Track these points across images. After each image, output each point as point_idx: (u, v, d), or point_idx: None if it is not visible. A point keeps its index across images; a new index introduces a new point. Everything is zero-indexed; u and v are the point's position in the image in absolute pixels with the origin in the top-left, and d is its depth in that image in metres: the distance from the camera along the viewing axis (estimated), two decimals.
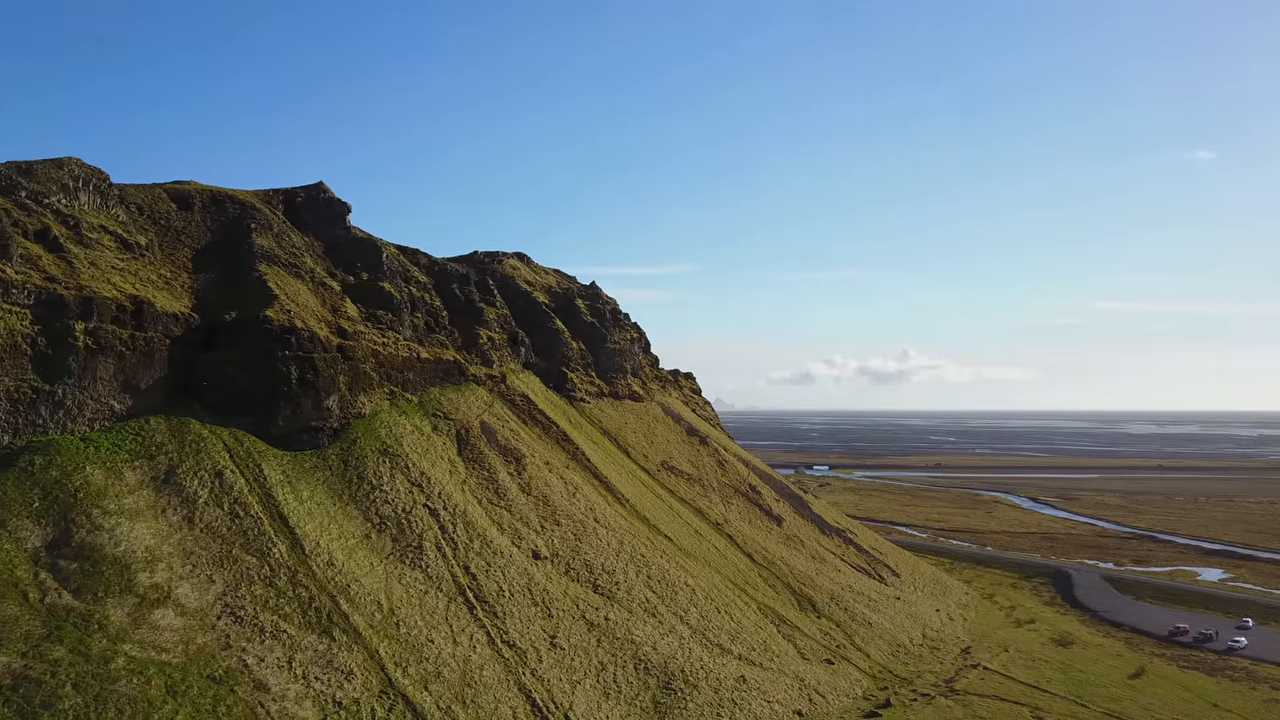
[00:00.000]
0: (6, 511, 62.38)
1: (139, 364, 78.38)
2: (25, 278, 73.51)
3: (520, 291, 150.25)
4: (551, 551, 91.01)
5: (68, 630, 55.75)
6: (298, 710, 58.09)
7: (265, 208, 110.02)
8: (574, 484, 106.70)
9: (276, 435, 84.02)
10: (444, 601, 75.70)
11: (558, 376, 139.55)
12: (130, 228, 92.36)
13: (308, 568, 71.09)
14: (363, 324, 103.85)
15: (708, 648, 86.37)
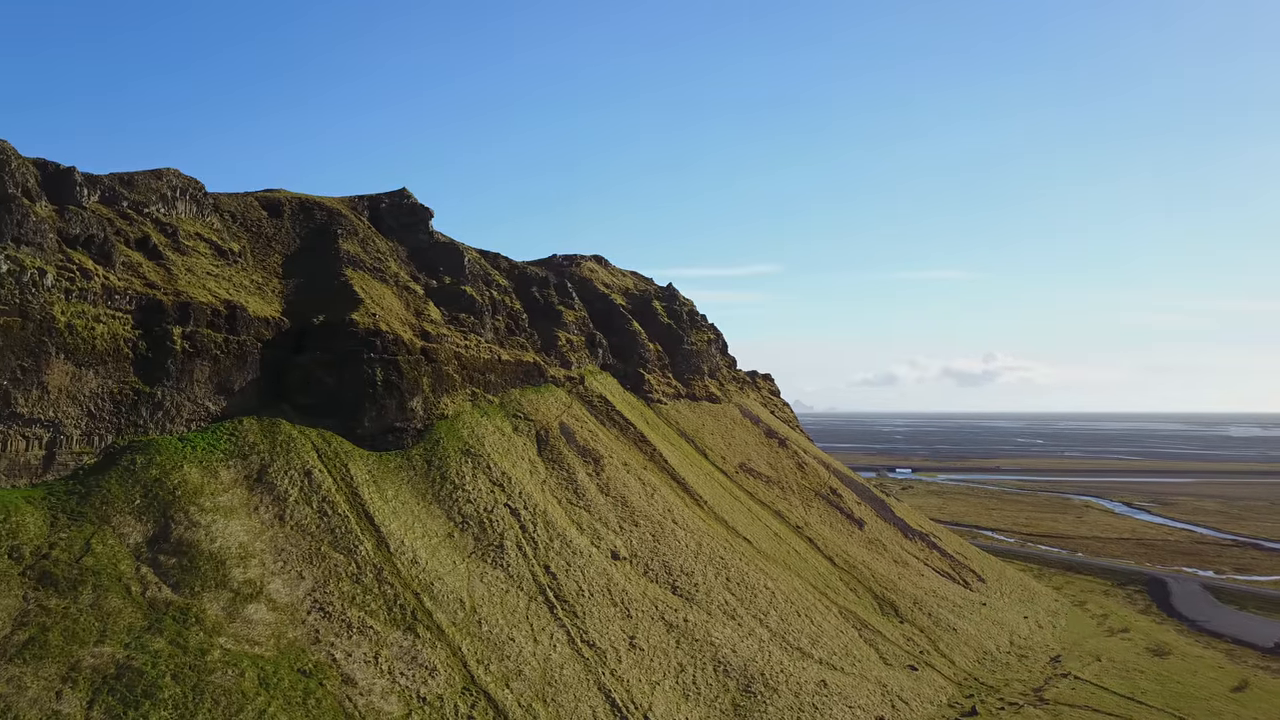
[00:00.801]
0: (110, 508, 65.27)
1: (232, 367, 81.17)
2: (127, 284, 76.79)
3: (598, 294, 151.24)
4: (630, 552, 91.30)
5: (167, 623, 58.02)
6: (383, 705, 59.39)
7: (351, 214, 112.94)
8: (652, 485, 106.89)
9: (362, 436, 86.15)
10: (524, 600, 76.56)
11: (635, 378, 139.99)
12: (224, 235, 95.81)
13: (393, 565, 72.65)
14: (445, 327, 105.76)
15: (788, 651, 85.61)
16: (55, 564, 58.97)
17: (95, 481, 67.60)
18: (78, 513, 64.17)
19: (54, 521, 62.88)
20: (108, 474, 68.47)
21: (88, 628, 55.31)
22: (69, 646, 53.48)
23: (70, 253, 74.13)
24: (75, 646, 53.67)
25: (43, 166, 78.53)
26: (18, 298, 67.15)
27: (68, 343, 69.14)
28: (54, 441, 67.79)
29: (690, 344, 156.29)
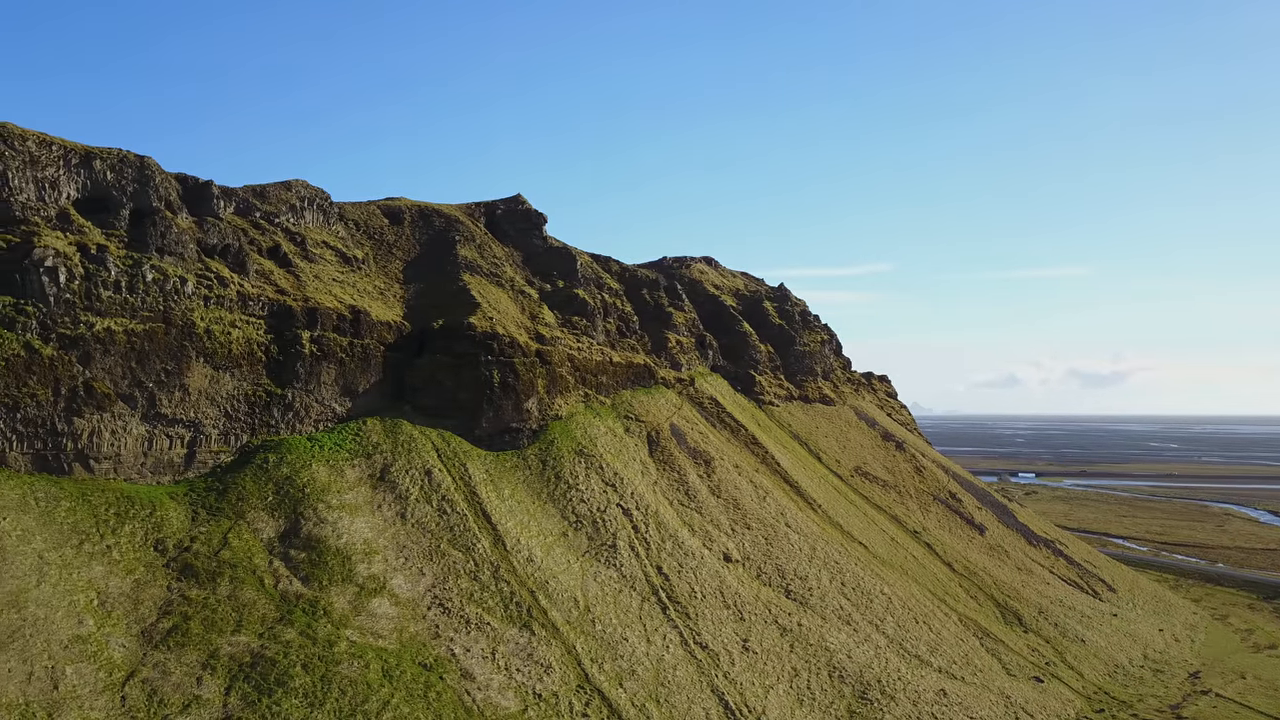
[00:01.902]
0: (245, 504, 68.64)
1: (357, 369, 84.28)
2: (260, 291, 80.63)
3: (708, 295, 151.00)
4: (743, 555, 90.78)
5: (297, 615, 60.60)
6: (500, 700, 60.61)
7: (468, 220, 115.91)
8: (764, 488, 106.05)
9: (480, 436, 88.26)
10: (637, 600, 76.97)
11: (746, 379, 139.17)
12: (348, 243, 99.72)
13: (509, 563, 74.10)
14: (559, 329, 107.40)
15: (905, 658, 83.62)
16: (196, 557, 62.34)
17: (231, 479, 71.22)
18: (216, 508, 67.71)
19: (195, 516, 66.50)
20: (243, 472, 72.05)
21: (225, 617, 58.26)
22: (208, 635, 56.44)
23: (208, 261, 78.33)
24: (214, 635, 56.60)
25: (183, 181, 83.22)
26: (161, 305, 71.32)
27: (206, 347, 73.05)
28: (194, 440, 71.71)
29: (803, 345, 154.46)
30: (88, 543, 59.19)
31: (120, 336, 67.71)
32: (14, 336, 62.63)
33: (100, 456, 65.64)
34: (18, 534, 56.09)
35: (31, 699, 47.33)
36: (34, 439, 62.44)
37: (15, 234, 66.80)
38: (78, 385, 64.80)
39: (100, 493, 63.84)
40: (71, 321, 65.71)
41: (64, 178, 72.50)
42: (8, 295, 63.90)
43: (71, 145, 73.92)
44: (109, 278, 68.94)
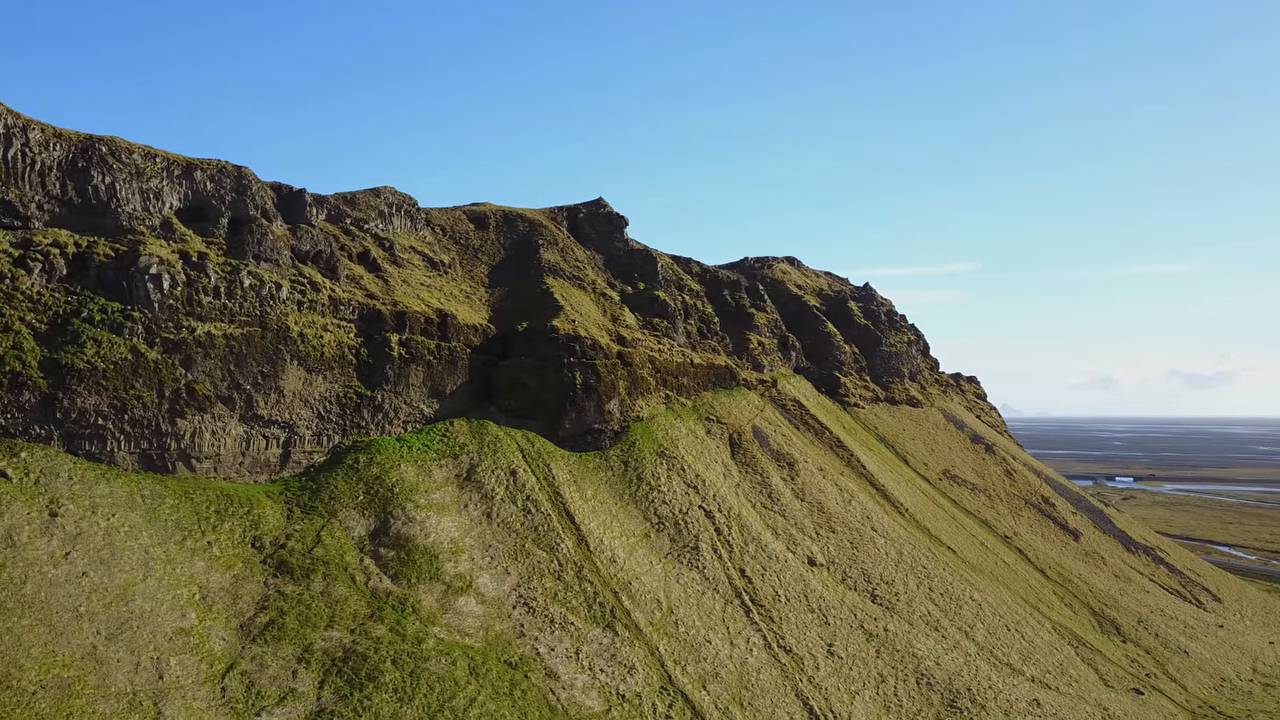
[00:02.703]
0: (337, 503, 70.54)
1: (444, 371, 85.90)
2: (350, 295, 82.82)
3: (790, 296, 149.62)
4: (827, 559, 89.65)
5: (387, 612, 62.00)
6: (584, 699, 60.99)
7: (551, 224, 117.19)
8: (849, 491, 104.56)
9: (563, 437, 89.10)
10: (720, 603, 76.65)
11: (830, 381, 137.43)
12: (435, 247, 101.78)
13: (592, 564, 74.56)
14: (640, 331, 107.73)
15: (996, 667, 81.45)
16: (291, 553, 64.30)
17: (324, 478, 73.28)
18: (309, 507, 69.74)
19: (290, 514, 68.61)
20: (335, 471, 74.07)
21: (319, 613, 59.94)
22: (303, 630, 58.14)
23: (301, 267, 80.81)
24: (308, 630, 58.28)
25: (278, 189, 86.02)
26: (258, 310, 73.83)
27: (300, 350, 75.34)
28: (289, 441, 74.00)
29: (889, 345, 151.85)
30: (190, 539, 61.56)
31: (220, 340, 70.32)
32: (121, 341, 65.56)
33: (201, 456, 68.23)
34: (125, 530, 58.64)
35: (138, 688, 49.41)
36: (140, 439, 65.22)
37: (123, 243, 69.95)
38: (180, 387, 67.49)
39: (201, 491, 66.35)
40: (174, 326, 68.48)
41: (167, 188, 75.62)
42: (116, 301, 66.92)
43: (174, 157, 77.07)
44: (209, 284, 71.66)
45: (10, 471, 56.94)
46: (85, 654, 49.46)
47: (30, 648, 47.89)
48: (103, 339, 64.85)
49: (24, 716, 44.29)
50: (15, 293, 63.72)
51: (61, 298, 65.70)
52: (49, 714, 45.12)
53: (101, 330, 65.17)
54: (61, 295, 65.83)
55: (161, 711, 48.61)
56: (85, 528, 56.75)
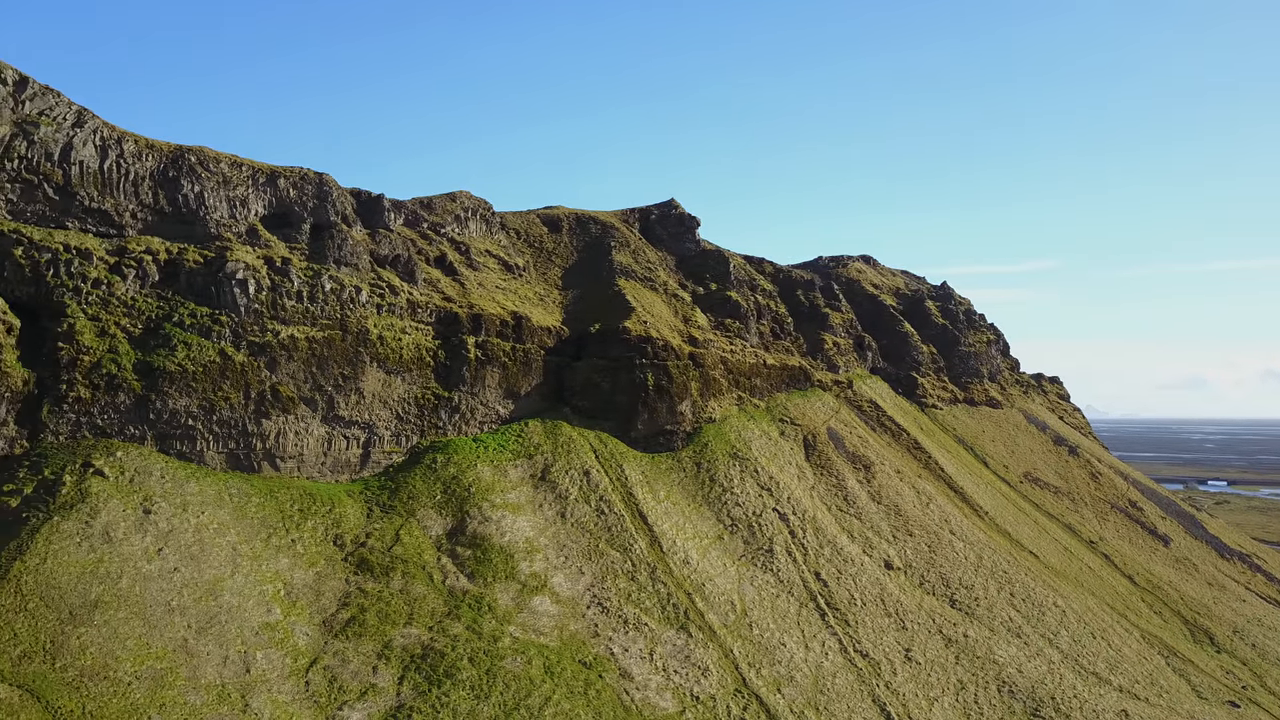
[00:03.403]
0: (415, 503, 71.87)
1: (519, 373, 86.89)
2: (428, 299, 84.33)
3: (866, 295, 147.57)
4: (904, 562, 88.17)
5: (464, 610, 62.94)
6: (659, 700, 61.03)
7: (623, 226, 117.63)
8: (927, 494, 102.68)
9: (636, 438, 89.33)
10: (795, 606, 75.98)
11: (907, 381, 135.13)
12: (510, 251, 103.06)
13: (665, 565, 74.58)
14: (712, 332, 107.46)
15: (1081, 675, 79.11)
16: (371, 551, 65.73)
17: (403, 478, 74.74)
18: (388, 506, 71.20)
19: (369, 513, 70.14)
20: (413, 471, 75.49)
21: (398, 610, 61.15)
22: (383, 626, 59.37)
23: (380, 271, 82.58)
24: (388, 627, 59.50)
25: (357, 195, 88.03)
26: (338, 313, 75.67)
27: (379, 353, 76.99)
28: (369, 441, 75.66)
29: (968, 345, 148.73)
30: (275, 536, 63.36)
31: (302, 343, 72.26)
32: (210, 344, 67.84)
33: (285, 456, 70.18)
34: (214, 527, 60.63)
35: (227, 680, 51.03)
36: (227, 439, 67.38)
37: (211, 249, 72.36)
38: (265, 389, 69.54)
39: (285, 490, 68.24)
40: (259, 329, 70.59)
41: (252, 195, 77.99)
42: (205, 306, 69.27)
43: (258, 165, 79.45)
44: (292, 288, 73.70)
45: (107, 470, 59.34)
46: (177, 646, 51.27)
47: (126, 640, 49.83)
48: (192, 342, 67.20)
49: (120, 706, 46.10)
50: (111, 298, 66.42)
51: (154, 303, 68.26)
52: (143, 704, 46.88)
53: (191, 334, 67.54)
54: (154, 300, 68.39)
55: (249, 704, 50.12)
56: (176, 525, 58.84)
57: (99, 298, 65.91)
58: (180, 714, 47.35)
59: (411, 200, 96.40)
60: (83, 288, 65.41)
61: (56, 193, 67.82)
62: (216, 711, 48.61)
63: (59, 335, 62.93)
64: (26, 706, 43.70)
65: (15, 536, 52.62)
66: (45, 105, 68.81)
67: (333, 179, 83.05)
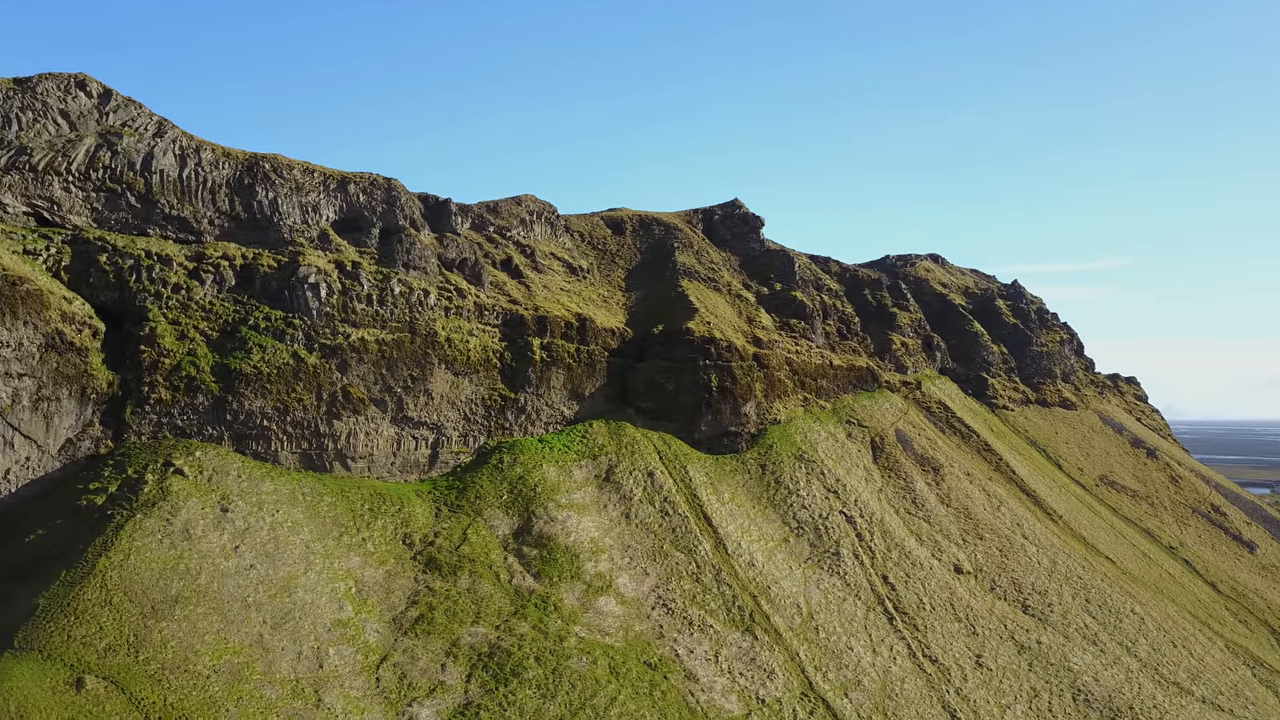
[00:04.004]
0: (482, 502, 72.72)
1: (583, 374, 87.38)
2: (494, 301, 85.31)
3: (934, 294, 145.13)
4: (975, 566, 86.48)
5: (530, 609, 63.48)
6: (724, 703, 60.81)
7: (686, 227, 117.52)
8: (998, 497, 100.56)
9: (699, 439, 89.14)
10: (862, 610, 75.06)
11: (977, 382, 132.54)
12: (574, 253, 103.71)
13: (730, 567, 74.29)
14: (776, 333, 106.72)
15: (1161, 685, 76.70)
16: (439, 551, 66.69)
17: (470, 478, 75.69)
18: (456, 505, 72.17)
19: (438, 513, 71.18)
20: (480, 471, 76.40)
21: (466, 609, 61.94)
22: (450, 625, 60.20)
23: (448, 275, 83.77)
24: (455, 625, 60.30)
25: (425, 199, 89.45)
26: (407, 316, 76.97)
27: (447, 354, 78.10)
28: (437, 442, 76.80)
29: (1040, 345, 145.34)
30: (346, 535, 64.69)
31: (372, 346, 73.66)
32: (284, 347, 69.55)
33: (356, 456, 71.61)
34: (288, 526, 62.12)
35: (300, 675, 52.24)
36: (300, 439, 69.00)
37: (284, 254, 74.20)
38: (337, 391, 71.04)
39: (356, 489, 69.63)
40: (331, 332, 72.15)
41: (324, 201, 79.77)
42: (279, 310, 71.04)
43: (330, 172, 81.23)
44: (362, 292, 75.19)
45: (187, 470, 61.21)
46: (253, 642, 52.64)
47: (204, 634, 51.33)
48: (267, 345, 68.97)
49: (200, 699, 47.50)
50: (190, 303, 68.52)
51: (230, 307, 70.24)
52: (221, 697, 48.23)
53: (266, 337, 69.32)
54: (230, 304, 70.37)
55: (322, 699, 51.24)
56: (252, 523, 60.43)
57: (178, 302, 68.05)
58: (256, 707, 48.62)
59: (478, 204, 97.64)
60: (163, 292, 67.60)
61: (138, 201, 70.26)
62: (291, 706, 49.79)
63: (141, 339, 65.13)
64: (112, 697, 45.29)
65: (101, 533, 54.57)
66: (128, 116, 71.31)
67: (401, 184, 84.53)
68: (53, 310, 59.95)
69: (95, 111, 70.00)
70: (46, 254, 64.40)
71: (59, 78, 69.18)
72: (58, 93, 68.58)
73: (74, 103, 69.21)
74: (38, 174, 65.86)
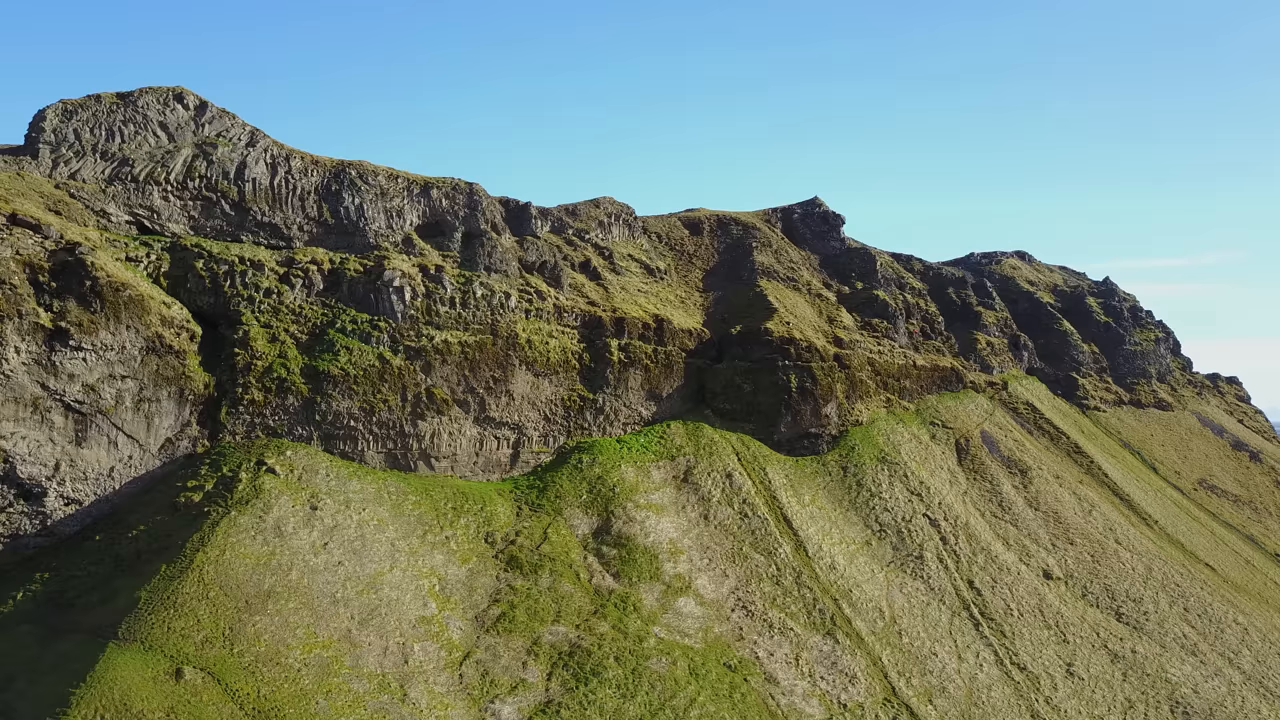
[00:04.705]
0: (562, 502, 73.33)
1: (660, 375, 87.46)
2: (573, 303, 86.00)
3: (1021, 292, 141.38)
4: (1065, 572, 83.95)
5: (610, 609, 63.77)
6: (805, 707, 60.19)
7: (764, 226, 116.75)
8: (1089, 500, 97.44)
9: (779, 441, 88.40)
10: (947, 615, 73.51)
11: (1066, 382, 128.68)
12: (651, 254, 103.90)
13: (811, 570, 73.50)
14: (858, 333, 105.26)
15: (1267, 699, 73.34)
16: (520, 549, 67.48)
17: (550, 478, 76.40)
18: (537, 505, 72.92)
19: (519, 512, 72.03)
20: (559, 471, 77.07)
21: (546, 608, 62.53)
22: (531, 623, 60.85)
23: (528, 277, 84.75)
24: (536, 624, 60.93)
25: (505, 203, 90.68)
26: (489, 318, 78.10)
27: (528, 356, 79.01)
28: (518, 442, 77.74)
29: (1133, 344, 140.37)
30: (430, 533, 65.92)
31: (455, 348, 74.95)
32: (370, 349, 71.25)
33: (440, 455, 72.94)
34: (374, 524, 63.59)
35: (387, 670, 53.41)
36: (386, 439, 70.57)
37: (370, 258, 76.01)
38: (421, 392, 72.47)
39: (440, 488, 70.90)
40: (415, 335, 73.64)
41: (407, 206, 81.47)
42: (365, 313, 72.80)
43: (413, 177, 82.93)
44: (445, 295, 76.58)
45: (278, 469, 63.14)
46: (341, 636, 54.02)
47: (295, 629, 52.85)
48: (354, 347, 70.73)
49: (291, 691, 48.93)
50: (281, 306, 70.68)
51: (319, 310, 72.23)
52: (311, 690, 49.60)
53: (353, 339, 71.10)
54: (319, 308, 72.37)
55: (407, 693, 52.30)
56: (340, 521, 62.02)
57: (270, 306, 70.26)
58: (345, 700, 49.87)
59: (557, 207, 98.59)
60: (255, 297, 69.88)
61: (232, 208, 72.77)
62: (378, 699, 50.95)
63: (235, 341, 67.42)
64: (209, 688, 46.97)
65: (198, 529, 56.65)
66: (222, 127, 73.93)
67: (482, 188, 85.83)
68: (153, 315, 62.46)
69: (192, 123, 72.74)
70: (147, 261, 67.15)
71: (158, 91, 72.11)
72: (157, 106, 71.49)
73: (172, 115, 72.06)
74: (139, 184, 68.74)
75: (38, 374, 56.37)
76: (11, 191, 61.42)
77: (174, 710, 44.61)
